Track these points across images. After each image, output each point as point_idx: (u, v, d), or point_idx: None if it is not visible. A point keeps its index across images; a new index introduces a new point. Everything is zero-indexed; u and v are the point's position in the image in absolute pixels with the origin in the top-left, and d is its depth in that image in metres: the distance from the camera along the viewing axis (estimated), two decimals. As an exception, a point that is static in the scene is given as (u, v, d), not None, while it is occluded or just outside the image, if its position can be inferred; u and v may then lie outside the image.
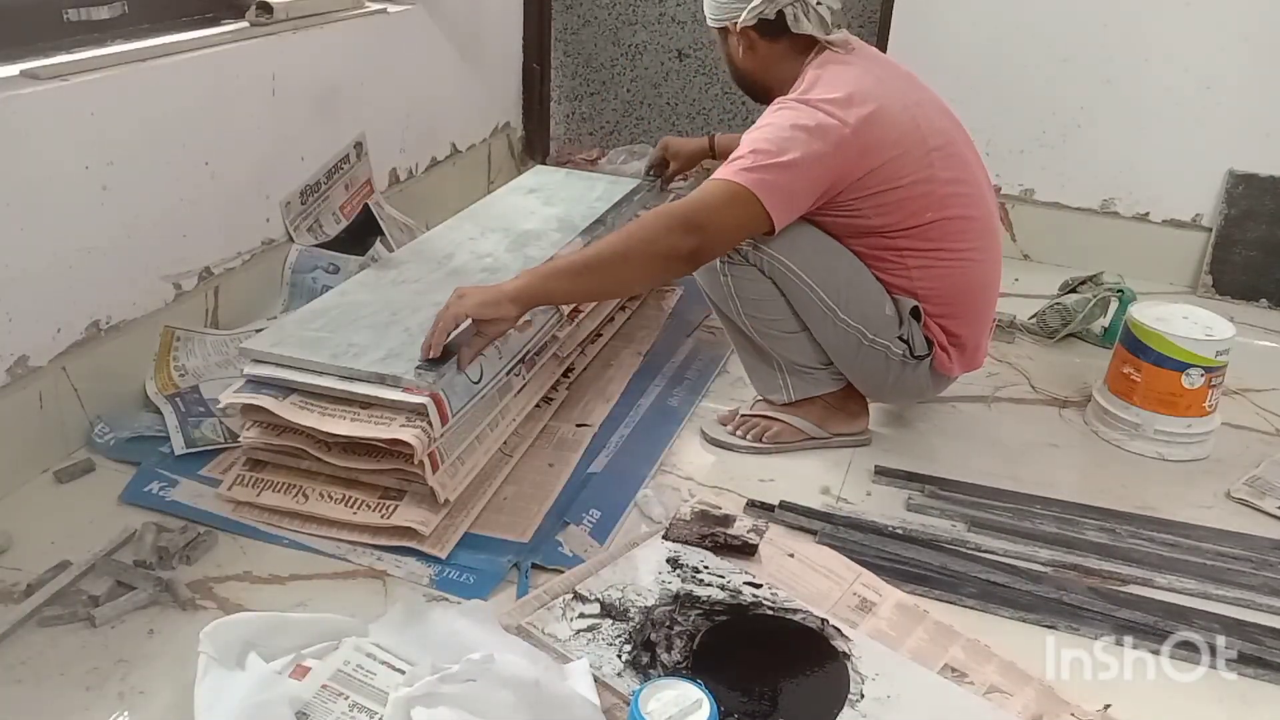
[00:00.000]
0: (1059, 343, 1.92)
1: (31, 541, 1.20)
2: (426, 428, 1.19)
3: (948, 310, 1.42)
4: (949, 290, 1.41)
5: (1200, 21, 2.08)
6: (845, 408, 1.53)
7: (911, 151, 1.33)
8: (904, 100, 1.36)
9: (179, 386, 1.48)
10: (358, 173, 1.95)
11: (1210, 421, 1.54)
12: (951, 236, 1.38)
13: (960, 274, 1.41)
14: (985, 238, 1.43)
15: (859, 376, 1.47)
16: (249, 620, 1.00)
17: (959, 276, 1.41)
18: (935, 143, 1.36)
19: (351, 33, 1.91)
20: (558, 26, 2.78)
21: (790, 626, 1.11)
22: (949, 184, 1.37)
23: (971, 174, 1.42)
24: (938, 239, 1.38)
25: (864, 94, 1.31)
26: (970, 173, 1.41)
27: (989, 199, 1.45)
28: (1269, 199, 2.13)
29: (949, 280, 1.40)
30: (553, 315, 1.51)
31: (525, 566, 1.21)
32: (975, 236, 1.41)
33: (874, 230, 1.37)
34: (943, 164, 1.36)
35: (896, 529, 1.32)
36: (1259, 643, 1.15)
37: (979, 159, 1.45)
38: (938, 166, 1.35)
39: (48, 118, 1.29)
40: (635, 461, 1.45)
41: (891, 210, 1.35)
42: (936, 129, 1.37)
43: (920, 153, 1.34)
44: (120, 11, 1.53)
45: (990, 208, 1.45)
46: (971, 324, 1.46)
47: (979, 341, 1.49)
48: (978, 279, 1.44)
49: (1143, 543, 1.32)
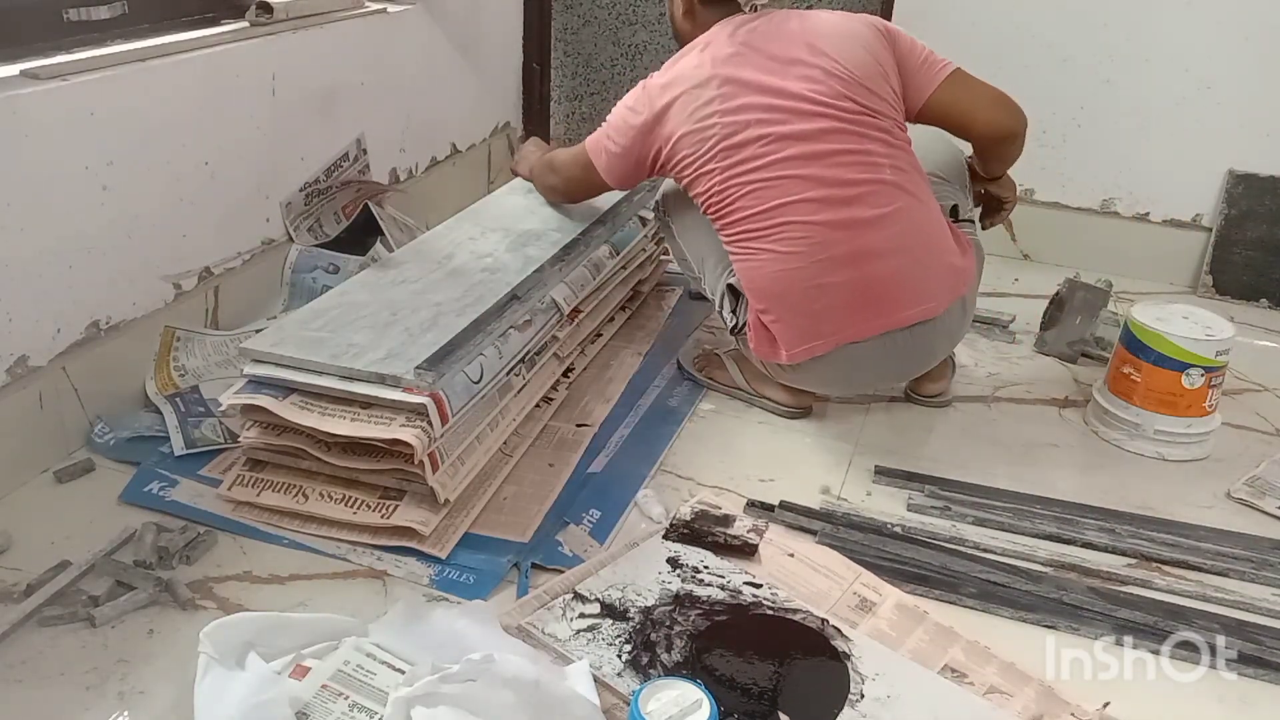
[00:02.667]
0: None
1: (31, 541, 1.20)
2: (426, 428, 1.19)
3: (754, 297, 1.45)
4: (754, 278, 1.43)
5: (1200, 21, 2.08)
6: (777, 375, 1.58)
7: (704, 143, 1.40)
8: (733, 85, 1.39)
9: (179, 386, 1.48)
10: (371, 185, 1.94)
11: (1210, 421, 1.54)
12: (764, 233, 1.39)
13: (763, 267, 1.41)
14: (787, 228, 1.38)
15: None
16: (249, 620, 1.00)
17: (762, 269, 1.41)
18: (742, 138, 1.38)
19: (351, 33, 1.91)
20: (558, 26, 2.78)
21: (790, 626, 1.11)
22: (748, 180, 1.38)
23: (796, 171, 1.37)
24: (746, 230, 1.41)
25: (684, 77, 1.42)
26: (772, 168, 1.37)
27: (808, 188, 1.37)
28: (1269, 199, 2.13)
29: (754, 270, 1.42)
30: (553, 315, 1.51)
31: (525, 566, 1.21)
32: (797, 238, 1.37)
33: (700, 204, 1.47)
34: (746, 161, 1.38)
35: (896, 529, 1.32)
36: (1259, 643, 1.15)
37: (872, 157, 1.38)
38: (735, 163, 1.39)
39: (48, 118, 1.29)
40: (635, 461, 1.45)
41: (697, 190, 1.45)
42: (749, 120, 1.37)
43: (713, 145, 1.40)
44: (120, 11, 1.53)
45: (841, 216, 1.37)
46: (788, 319, 1.42)
47: (802, 340, 1.42)
48: (773, 267, 1.39)
49: (1143, 543, 1.32)
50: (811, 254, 1.38)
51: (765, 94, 1.38)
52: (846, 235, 1.37)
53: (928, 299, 1.42)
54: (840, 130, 1.37)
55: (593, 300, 1.67)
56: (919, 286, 1.41)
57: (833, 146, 1.37)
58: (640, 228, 1.87)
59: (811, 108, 1.37)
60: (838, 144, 1.37)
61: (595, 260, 1.68)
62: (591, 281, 1.64)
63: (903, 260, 1.39)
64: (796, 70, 1.39)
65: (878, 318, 1.40)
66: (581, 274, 1.63)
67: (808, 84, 1.38)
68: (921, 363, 1.54)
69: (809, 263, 1.38)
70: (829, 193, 1.37)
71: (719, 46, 1.43)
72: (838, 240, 1.37)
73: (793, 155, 1.37)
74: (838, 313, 1.40)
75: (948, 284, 1.44)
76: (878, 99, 1.40)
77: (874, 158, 1.38)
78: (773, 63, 1.40)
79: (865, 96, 1.39)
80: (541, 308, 1.50)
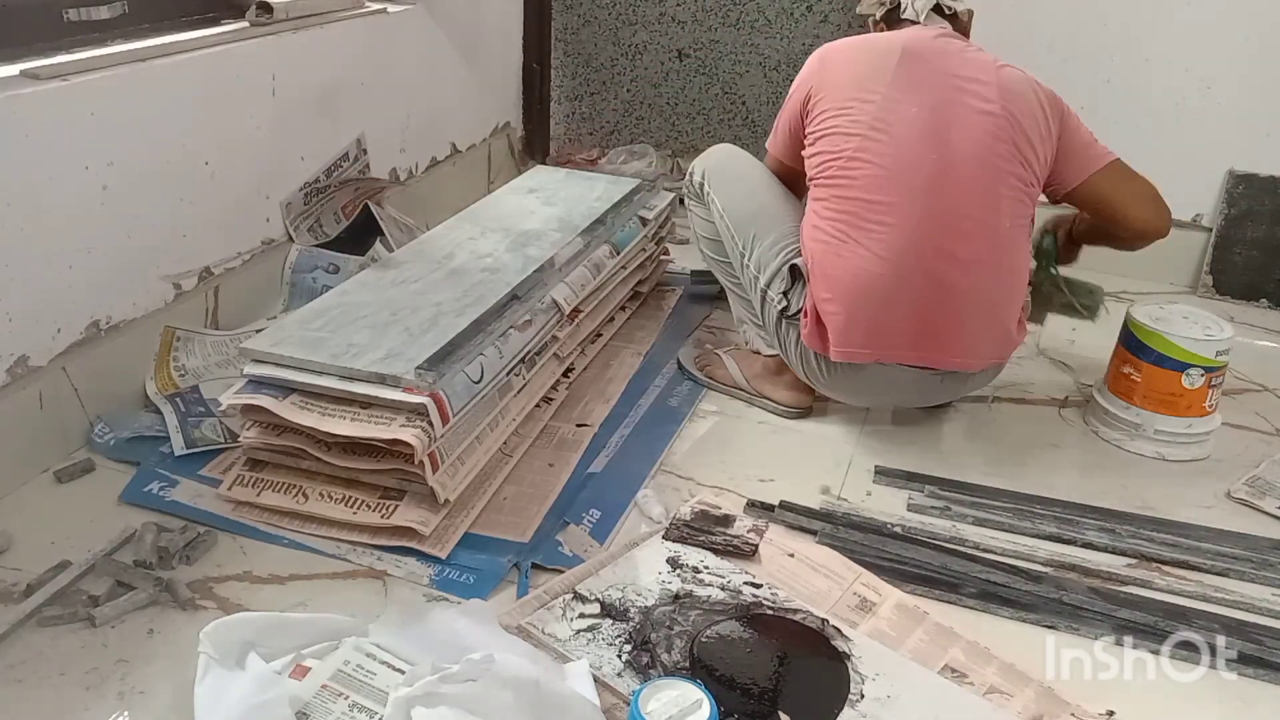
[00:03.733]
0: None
1: (31, 541, 1.20)
2: (426, 428, 1.19)
3: (827, 285, 1.40)
4: (836, 267, 1.40)
5: (1200, 21, 2.08)
6: (781, 374, 1.59)
7: (863, 104, 1.40)
8: (911, 71, 1.40)
9: (179, 386, 1.48)
10: (372, 183, 1.94)
11: (1210, 421, 1.54)
12: (867, 224, 1.38)
13: (851, 260, 1.38)
14: (888, 230, 1.36)
15: (764, 324, 1.55)
16: (249, 620, 1.00)
17: (849, 262, 1.38)
18: (897, 118, 1.38)
19: (351, 33, 1.91)
20: (558, 26, 2.78)
21: (790, 626, 1.11)
22: (880, 165, 1.37)
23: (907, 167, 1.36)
24: (850, 211, 1.39)
25: (869, 45, 1.47)
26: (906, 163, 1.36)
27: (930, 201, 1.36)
28: (1269, 199, 2.13)
29: (839, 259, 1.39)
30: (553, 315, 1.51)
31: (525, 566, 1.20)
32: (895, 243, 1.36)
33: (817, 165, 1.46)
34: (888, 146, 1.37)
35: (896, 529, 1.32)
36: (1259, 643, 1.15)
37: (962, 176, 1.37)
38: (878, 142, 1.38)
39: (48, 118, 1.29)
40: (635, 461, 1.45)
41: (824, 150, 1.43)
42: (912, 113, 1.38)
43: (870, 114, 1.39)
44: (120, 11, 1.53)
45: (944, 245, 1.36)
46: (852, 318, 1.39)
47: (853, 343, 1.40)
48: (861, 266, 1.37)
49: (1143, 543, 1.32)
50: (901, 265, 1.36)
51: (938, 93, 1.39)
52: (940, 265, 1.37)
53: (974, 355, 1.44)
54: (985, 165, 1.38)
55: (593, 300, 1.67)
56: (974, 340, 1.43)
57: (970, 173, 1.37)
58: (640, 227, 1.87)
59: (971, 130, 1.37)
60: (975, 174, 1.37)
61: (595, 260, 1.68)
62: (591, 281, 1.64)
63: (974, 310, 1.40)
64: (974, 89, 1.39)
65: (927, 351, 1.41)
66: (581, 274, 1.62)
67: (980, 103, 1.38)
68: (934, 401, 1.59)
69: (897, 274, 1.36)
70: (944, 218, 1.36)
71: (909, 37, 1.45)
72: (930, 266, 1.37)
73: (931, 165, 1.36)
74: (898, 332, 1.40)
75: (996, 348, 1.46)
76: (1033, 154, 1.40)
77: (1001, 203, 1.38)
78: (955, 78, 1.40)
79: (1024, 145, 1.39)
80: (541, 308, 1.50)
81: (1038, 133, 1.40)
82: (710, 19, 2.73)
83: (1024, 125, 1.39)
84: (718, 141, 1.83)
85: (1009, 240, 1.40)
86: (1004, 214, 1.38)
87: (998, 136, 1.37)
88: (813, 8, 2.54)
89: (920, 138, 1.37)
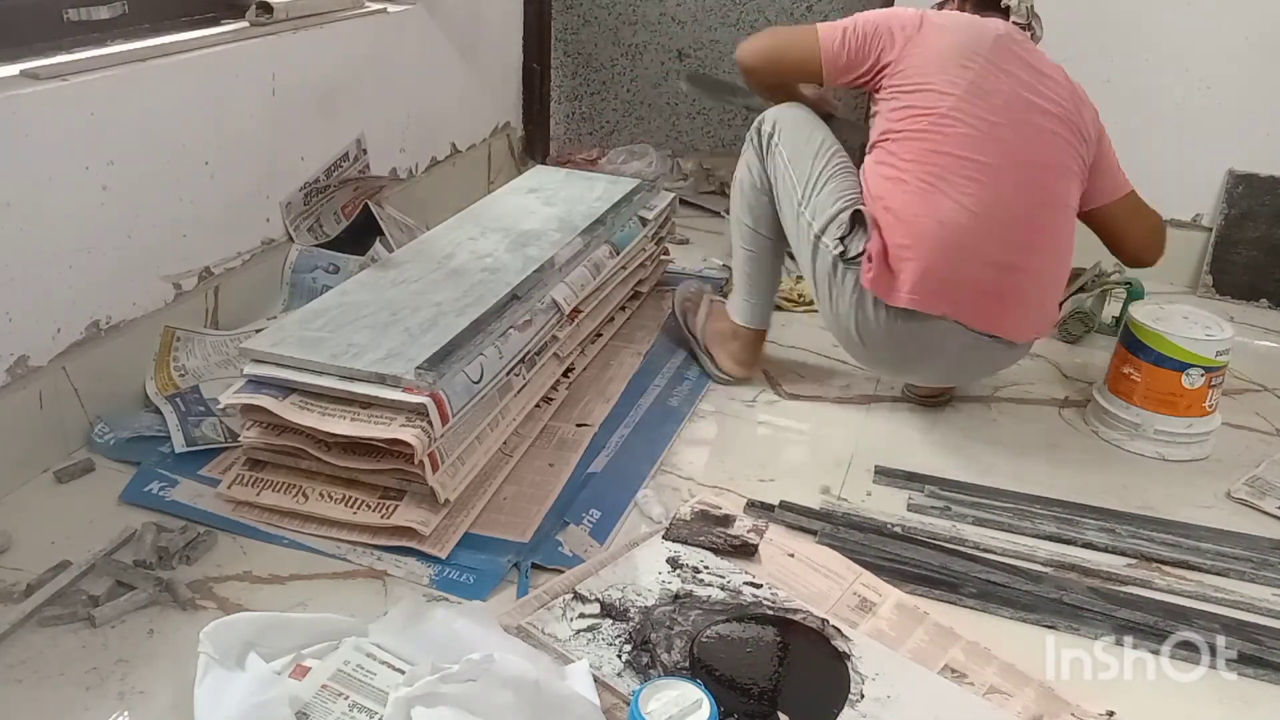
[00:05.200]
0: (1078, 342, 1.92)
1: (31, 541, 1.20)
2: (426, 428, 1.19)
3: (907, 232, 1.40)
4: (921, 215, 1.40)
5: (1200, 21, 2.08)
6: (734, 341, 1.69)
7: (965, 69, 1.44)
8: (1002, 53, 1.46)
9: (179, 386, 1.48)
10: (371, 181, 1.94)
11: (1210, 421, 1.54)
12: (956, 179, 1.40)
13: (938, 211, 1.39)
14: (979, 187, 1.39)
15: (811, 278, 1.55)
16: (249, 620, 1.00)
17: (936, 213, 1.39)
18: (993, 89, 1.43)
19: (351, 33, 1.91)
20: (558, 26, 2.78)
21: (790, 626, 1.11)
22: (975, 125, 1.41)
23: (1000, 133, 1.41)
24: (940, 165, 1.41)
25: (964, 23, 1.52)
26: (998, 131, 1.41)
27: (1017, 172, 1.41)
28: (1269, 199, 2.13)
29: (926, 207, 1.40)
30: (553, 315, 1.51)
31: (525, 566, 1.21)
32: (985, 199, 1.39)
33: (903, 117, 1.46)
34: (983, 110, 1.42)
35: (896, 529, 1.32)
36: (1259, 643, 1.15)
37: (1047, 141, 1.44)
38: (974, 104, 1.42)
39: (48, 118, 1.29)
40: (635, 461, 1.45)
41: (910, 104, 1.45)
42: (1008, 87, 1.43)
43: (971, 80, 1.43)
44: (120, 11, 1.53)
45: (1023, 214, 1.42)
46: (930, 267, 1.39)
47: (925, 291, 1.40)
48: (948, 216, 1.39)
49: (1143, 543, 1.32)
50: (990, 220, 1.40)
51: (1026, 77, 1.45)
52: (1021, 233, 1.42)
53: (1022, 327, 1.48)
54: (1063, 151, 1.46)
55: (593, 300, 1.67)
56: (1030, 311, 1.48)
57: (1054, 155, 1.45)
58: (640, 227, 1.87)
59: (1051, 121, 1.45)
60: (1058, 157, 1.46)
61: (595, 260, 1.68)
62: (591, 281, 1.64)
63: (1035, 282, 1.46)
64: (1050, 83, 1.47)
65: (989, 314, 1.43)
66: (581, 274, 1.63)
67: (1056, 98, 1.46)
68: (967, 374, 1.62)
69: (982, 229, 1.39)
70: (1032, 190, 1.43)
71: (1001, 24, 1.52)
72: (1013, 232, 1.42)
73: (1023, 139, 1.43)
74: (970, 287, 1.41)
75: (1038, 324, 1.51)
76: (1088, 155, 1.50)
77: (1072, 189, 1.48)
78: (1037, 70, 1.48)
79: (1082, 147, 1.48)
80: (541, 308, 1.50)
81: (1089, 143, 1.50)
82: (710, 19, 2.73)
83: (1084, 130, 1.48)
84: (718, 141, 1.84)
85: (1070, 226, 1.50)
86: (1073, 200, 1.48)
87: (1072, 130, 1.46)
88: (813, 8, 2.54)
89: (1014, 110, 1.43)
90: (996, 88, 1.43)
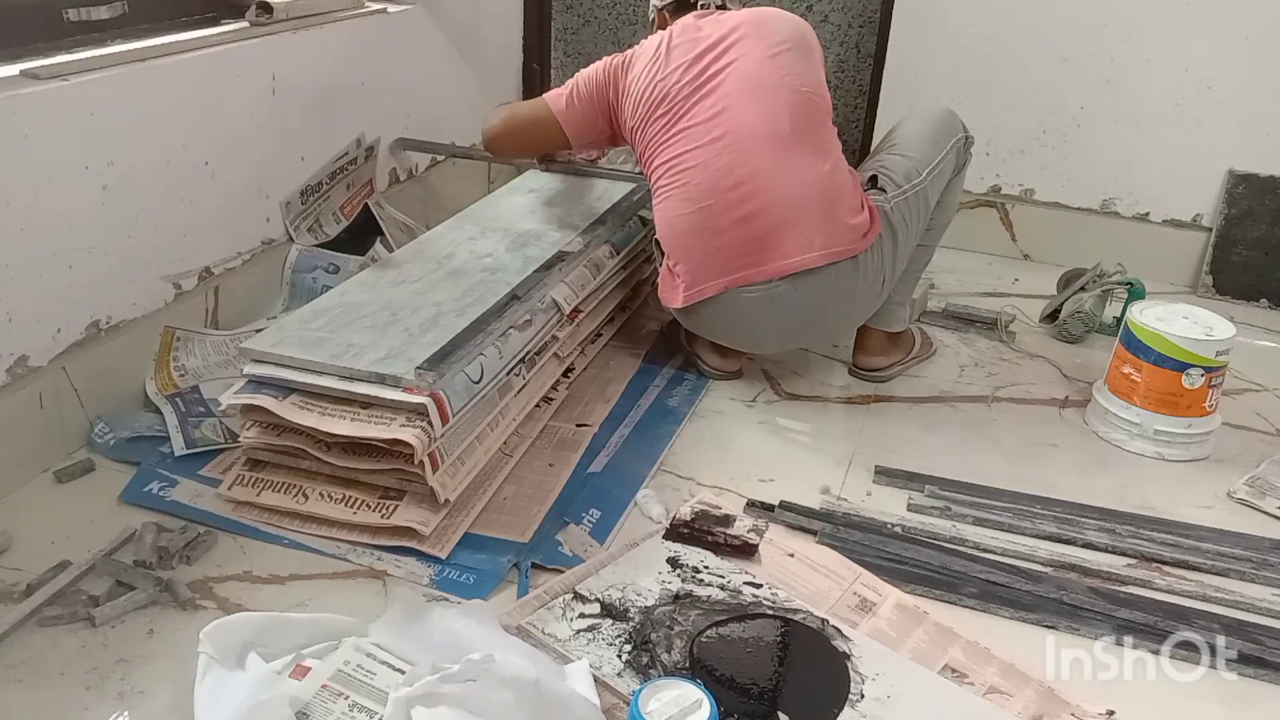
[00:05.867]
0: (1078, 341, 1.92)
1: (31, 541, 1.20)
2: (426, 428, 1.19)
3: (663, 242, 1.58)
4: (661, 223, 1.57)
5: (1200, 21, 2.08)
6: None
7: (637, 98, 1.58)
8: (667, 61, 1.57)
9: (179, 386, 1.48)
10: (361, 173, 1.95)
11: (1210, 421, 1.54)
12: (668, 179, 1.54)
13: (666, 211, 1.56)
14: (705, 190, 1.50)
15: None
16: (249, 620, 1.00)
17: (665, 212, 1.56)
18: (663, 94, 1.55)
19: (351, 33, 1.91)
20: (558, 26, 2.78)
21: (790, 626, 1.11)
22: (666, 135, 1.54)
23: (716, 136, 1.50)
24: (655, 176, 1.58)
25: (634, 54, 1.63)
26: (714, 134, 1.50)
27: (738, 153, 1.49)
28: (1269, 199, 2.13)
29: (661, 215, 1.57)
30: (553, 315, 1.51)
31: (525, 566, 1.21)
32: (695, 184, 1.50)
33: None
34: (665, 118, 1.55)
35: (896, 529, 1.32)
36: (1259, 643, 1.15)
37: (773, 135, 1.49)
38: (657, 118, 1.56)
39: (48, 118, 1.29)
40: (635, 461, 1.45)
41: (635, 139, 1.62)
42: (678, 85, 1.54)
43: (642, 102, 1.57)
44: (120, 11, 1.53)
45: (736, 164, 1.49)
46: (686, 262, 1.55)
47: (695, 282, 1.54)
48: (684, 224, 1.53)
49: (1143, 543, 1.32)
50: (702, 199, 1.50)
51: (701, 44, 1.55)
52: (739, 183, 1.48)
53: (807, 250, 1.48)
54: (752, 79, 1.51)
55: (593, 300, 1.67)
56: (801, 238, 1.48)
57: (738, 95, 1.51)
58: (640, 227, 1.87)
59: (734, 56, 1.53)
60: (743, 95, 1.51)
61: (595, 260, 1.68)
62: (591, 281, 1.64)
63: (788, 211, 1.48)
64: (727, 26, 1.56)
65: (758, 265, 1.50)
66: (581, 274, 1.63)
67: (733, 32, 1.54)
68: (815, 322, 1.61)
69: (699, 208, 1.50)
70: (728, 142, 1.49)
71: (673, 35, 1.60)
72: (729, 188, 1.49)
73: (703, 109, 1.52)
74: (727, 257, 1.51)
75: (836, 241, 1.49)
76: (792, 53, 1.55)
77: (778, 113, 1.50)
78: (711, 44, 1.55)
79: (778, 45, 1.54)
80: (541, 308, 1.50)
81: (812, 60, 1.58)
82: (710, 19, 2.72)
83: (770, 29, 1.56)
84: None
85: (800, 140, 1.51)
86: (784, 118, 1.50)
87: (760, 43, 1.54)
88: (813, 8, 2.54)
89: (696, 94, 1.52)
90: (677, 85, 1.54)
